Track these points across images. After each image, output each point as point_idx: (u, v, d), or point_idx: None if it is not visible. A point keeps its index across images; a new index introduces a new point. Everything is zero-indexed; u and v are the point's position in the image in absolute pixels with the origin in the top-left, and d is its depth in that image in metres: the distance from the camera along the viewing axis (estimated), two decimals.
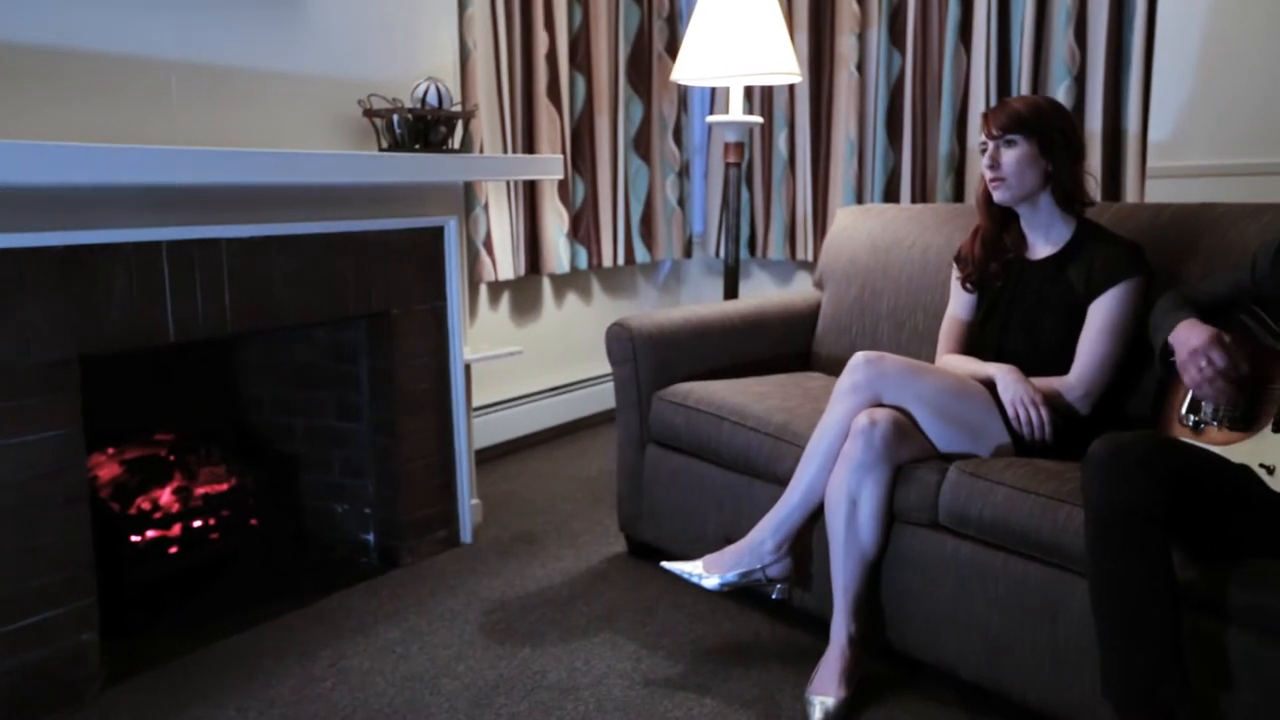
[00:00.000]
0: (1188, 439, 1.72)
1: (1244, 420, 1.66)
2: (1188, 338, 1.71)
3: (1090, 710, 1.66)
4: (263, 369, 2.68)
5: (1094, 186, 2.16)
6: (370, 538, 2.64)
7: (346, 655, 2.12)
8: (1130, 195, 3.02)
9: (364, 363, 2.56)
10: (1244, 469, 1.58)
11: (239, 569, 2.52)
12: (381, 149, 2.49)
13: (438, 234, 2.58)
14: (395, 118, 2.43)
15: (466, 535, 2.73)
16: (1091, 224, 2.09)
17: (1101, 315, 1.98)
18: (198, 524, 2.42)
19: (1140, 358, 1.97)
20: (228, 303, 2.13)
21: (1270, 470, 1.56)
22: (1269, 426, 1.61)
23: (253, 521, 2.54)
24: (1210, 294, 1.87)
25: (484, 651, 2.14)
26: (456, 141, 2.58)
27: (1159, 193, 2.95)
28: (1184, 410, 1.78)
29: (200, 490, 2.45)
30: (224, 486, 2.49)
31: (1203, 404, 1.74)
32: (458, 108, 2.54)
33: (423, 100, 2.43)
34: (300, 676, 2.04)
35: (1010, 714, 1.85)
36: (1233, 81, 2.82)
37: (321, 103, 2.43)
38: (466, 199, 3.19)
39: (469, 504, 2.73)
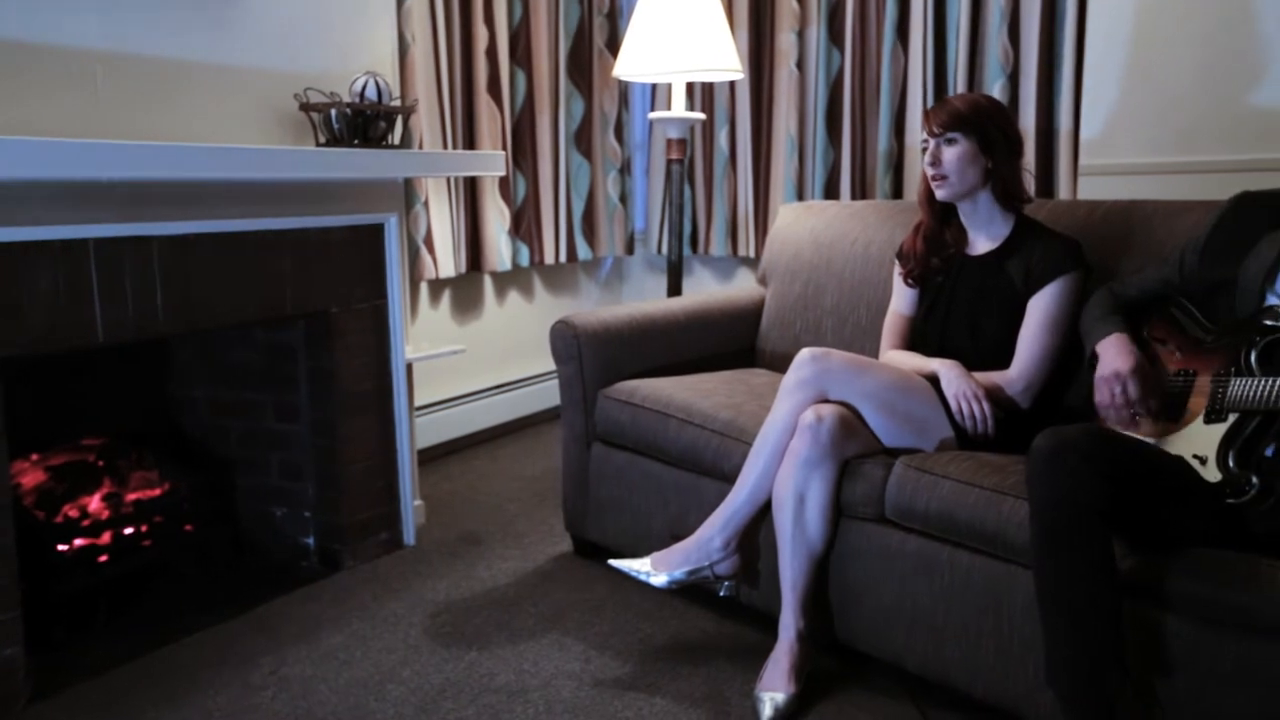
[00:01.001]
0: (1124, 431, 1.75)
1: (1175, 412, 1.70)
2: (1113, 357, 1.74)
3: (1034, 699, 1.69)
4: (197, 370, 2.61)
5: (1030, 183, 2.19)
6: (310, 541, 2.58)
7: (287, 663, 2.07)
8: (1063, 192, 3.08)
9: (303, 363, 2.50)
10: (1178, 460, 1.62)
11: (173, 577, 2.44)
12: (319, 144, 2.43)
13: (378, 231, 2.53)
14: (333, 112, 2.38)
15: (410, 537, 2.69)
16: (1030, 220, 2.12)
17: (1041, 310, 2.01)
18: (129, 531, 2.34)
19: (1077, 352, 2.01)
20: (160, 303, 2.06)
21: (1203, 461, 1.60)
22: (1200, 418, 1.65)
23: (187, 528, 2.47)
24: (1141, 289, 1.92)
25: (430, 655, 2.10)
26: (396, 137, 2.53)
27: (1090, 190, 3.02)
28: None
29: (131, 496, 2.38)
30: (156, 492, 2.42)
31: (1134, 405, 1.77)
32: (397, 102, 2.49)
33: (361, 95, 2.38)
34: (239, 686, 1.98)
35: (957, 705, 1.87)
36: (1160, 82, 2.89)
37: (256, 96, 2.36)
38: (407, 195, 3.14)
39: (412, 505, 2.69)
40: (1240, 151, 2.76)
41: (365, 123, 2.40)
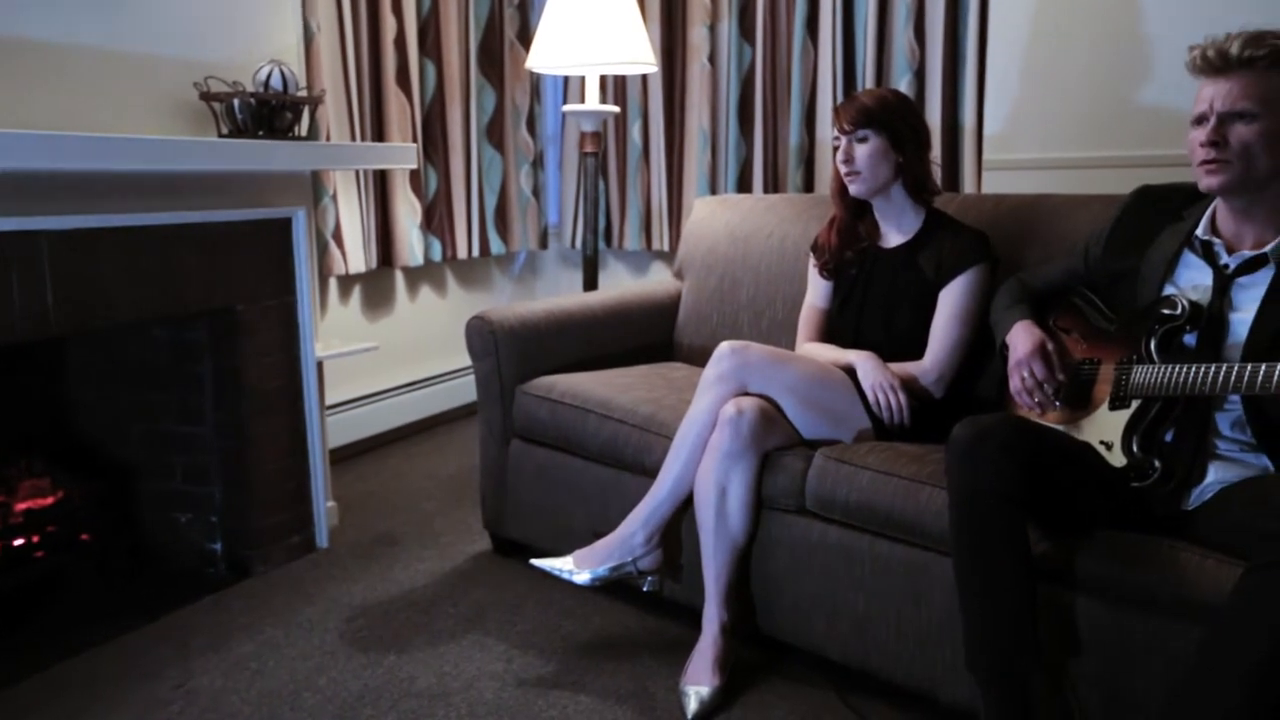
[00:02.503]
0: (1034, 419, 1.80)
1: (1082, 400, 1.76)
2: (1018, 342, 1.80)
3: (953, 683, 1.73)
4: (93, 371, 2.49)
5: (938, 176, 2.24)
6: (218, 547, 2.49)
7: (195, 675, 1.99)
8: (969, 186, 3.16)
9: (208, 362, 2.41)
10: (1086, 446, 1.67)
11: (71, 589, 2.32)
12: (222, 135, 2.34)
13: (285, 225, 2.45)
14: (236, 102, 2.29)
15: (323, 539, 2.62)
16: (940, 213, 2.17)
17: (951, 302, 2.06)
18: (19, 542, 2.23)
19: (988, 342, 2.06)
20: (50, 302, 1.95)
21: (1109, 447, 1.65)
22: (1105, 405, 1.70)
23: (84, 537, 2.36)
24: (1047, 280, 1.98)
25: (347, 661, 2.05)
26: (303, 128, 2.45)
27: (994, 184, 3.10)
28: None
29: (21, 506, 2.26)
30: (49, 500, 2.30)
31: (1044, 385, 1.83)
32: (304, 93, 2.41)
33: (266, 84, 2.30)
34: (144, 701, 1.90)
35: (878, 691, 1.90)
36: (1058, 81, 2.98)
37: (153, 84, 2.26)
38: (314, 189, 3.05)
39: (324, 507, 2.62)
40: (1134, 148, 2.86)
41: (270, 113, 2.32)
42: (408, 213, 3.47)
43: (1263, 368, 1.43)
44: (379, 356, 3.45)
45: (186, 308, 2.24)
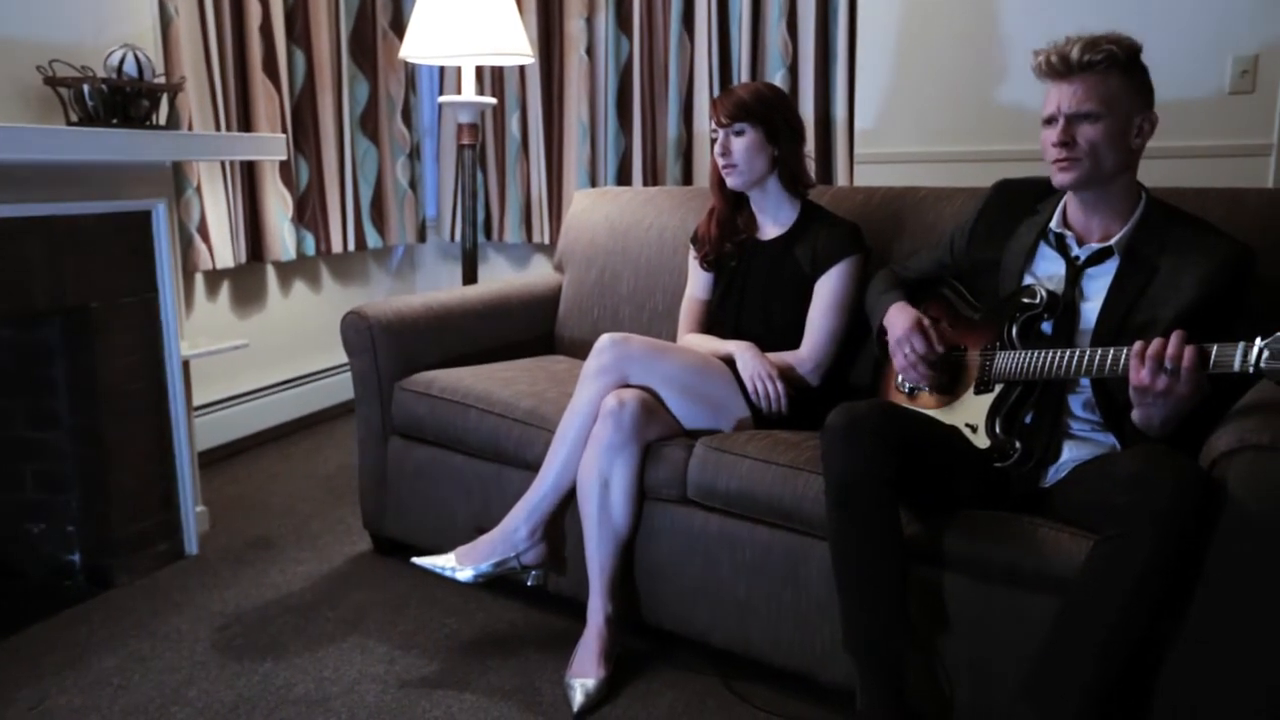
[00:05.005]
0: (904, 404, 1.87)
1: (949, 385, 1.83)
2: (895, 323, 1.87)
3: (831, 664, 1.78)
4: None
5: (812, 169, 2.30)
6: (75, 558, 2.36)
7: (51, 694, 1.88)
8: (841, 179, 3.25)
9: (61, 364, 2.28)
10: (954, 430, 1.74)
11: None
12: (70, 123, 2.21)
13: (144, 219, 2.33)
14: (86, 88, 2.17)
15: (192, 546, 2.51)
16: (814, 206, 2.22)
17: (827, 292, 2.11)
18: None
19: (861, 331, 2.12)
20: None
21: (974, 429, 1.73)
22: (970, 390, 1.78)
23: None
24: (916, 270, 2.05)
25: (219, 671, 1.97)
26: (162, 117, 2.34)
27: (866, 177, 3.20)
28: (899, 378, 1.93)
29: None
30: None
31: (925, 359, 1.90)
32: (161, 79, 2.30)
33: (119, 69, 2.18)
34: None
35: (761, 675, 1.94)
36: (923, 78, 3.09)
37: None
38: (176, 181, 2.92)
39: (194, 512, 2.51)
40: (995, 143, 2.99)
41: (125, 101, 2.20)
42: (278, 206, 3.35)
43: (1110, 352, 1.51)
44: (251, 354, 3.34)
45: (33, 306, 2.11)
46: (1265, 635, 1.35)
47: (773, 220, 2.21)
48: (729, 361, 2.08)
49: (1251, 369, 1.36)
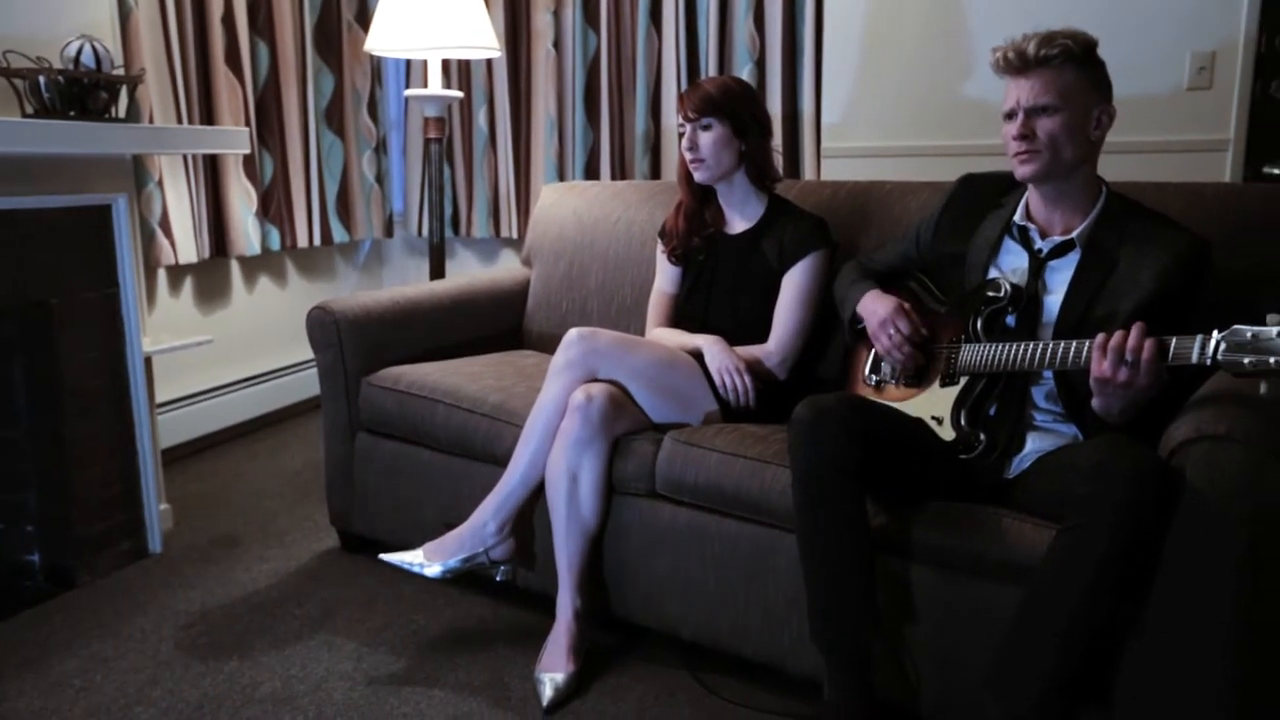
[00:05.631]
0: (871, 397, 1.88)
1: (916, 377, 1.85)
2: (875, 308, 1.88)
3: (799, 656, 1.79)
4: None
5: (779, 163, 2.30)
6: (35, 558, 2.32)
7: (10, 697, 1.85)
8: (808, 173, 3.26)
9: (19, 361, 2.24)
10: (919, 422, 1.75)
11: None
12: (26, 115, 2.17)
13: (104, 213, 2.29)
14: (42, 79, 2.13)
15: (156, 544, 2.48)
16: (781, 200, 2.23)
17: (794, 286, 2.11)
18: None
19: (828, 325, 2.13)
20: None
21: (939, 421, 1.74)
22: (936, 382, 1.79)
23: None
24: (882, 264, 2.06)
25: (184, 671, 1.95)
26: (121, 110, 2.30)
27: (832, 171, 3.21)
28: (867, 371, 1.95)
29: None
30: None
31: (882, 364, 1.92)
32: (120, 71, 2.27)
33: (76, 60, 2.14)
34: None
35: (730, 667, 1.95)
36: (889, 73, 3.11)
37: None
38: (137, 174, 2.87)
39: (157, 510, 2.48)
40: (960, 137, 3.02)
41: (83, 92, 2.17)
42: (242, 200, 3.32)
43: (1073, 344, 1.53)
44: (216, 350, 3.30)
45: None
46: (1220, 620, 1.37)
47: (740, 214, 2.22)
48: (697, 355, 2.08)
49: (1209, 361, 1.38)
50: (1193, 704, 1.41)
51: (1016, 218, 1.76)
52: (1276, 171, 2.86)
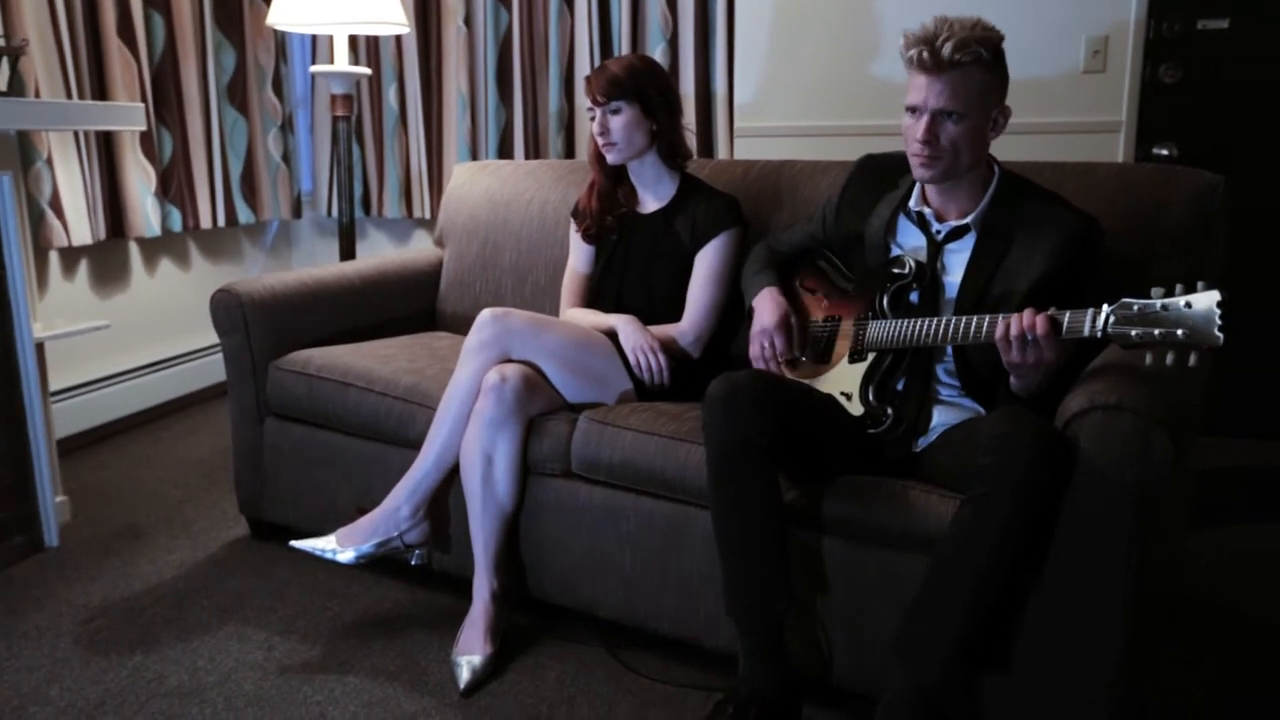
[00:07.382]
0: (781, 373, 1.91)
1: (824, 355, 1.88)
2: (763, 312, 1.90)
3: (715, 630, 1.82)
4: None
5: (692, 142, 2.31)
6: None
7: None
8: (721, 152, 3.28)
9: None
10: (829, 398, 1.78)
11: None
12: None
13: None
14: None
15: (52, 538, 2.39)
16: (693, 179, 2.23)
17: (705, 265, 2.13)
18: None
19: (740, 303, 2.15)
20: None
21: (849, 397, 1.77)
22: (845, 359, 1.82)
23: None
24: (790, 244, 2.09)
25: (84, 667, 1.89)
26: (2, 82, 2.19)
27: (745, 150, 3.24)
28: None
29: None
30: None
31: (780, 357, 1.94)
32: (0, 41, 2.16)
33: None
34: None
35: (647, 644, 1.96)
36: (799, 54, 3.14)
37: None
38: (23, 152, 2.74)
39: (53, 501, 2.39)
40: (867, 117, 3.07)
41: None
42: (140, 179, 3.19)
43: (974, 320, 1.58)
44: (115, 336, 3.18)
45: None
46: (1111, 581, 1.44)
47: (652, 194, 2.22)
48: (611, 335, 2.08)
49: (1099, 333, 1.44)
50: (1087, 663, 1.47)
51: (912, 203, 1.79)
52: (1164, 152, 2.98)
